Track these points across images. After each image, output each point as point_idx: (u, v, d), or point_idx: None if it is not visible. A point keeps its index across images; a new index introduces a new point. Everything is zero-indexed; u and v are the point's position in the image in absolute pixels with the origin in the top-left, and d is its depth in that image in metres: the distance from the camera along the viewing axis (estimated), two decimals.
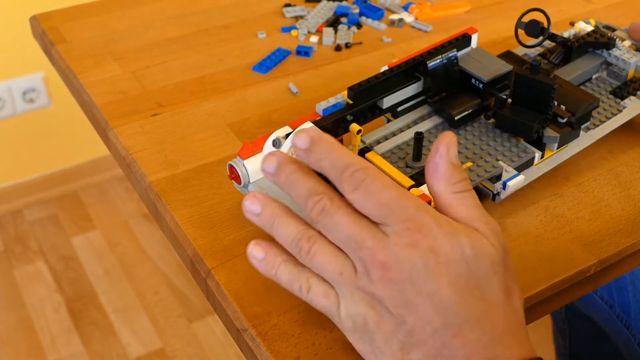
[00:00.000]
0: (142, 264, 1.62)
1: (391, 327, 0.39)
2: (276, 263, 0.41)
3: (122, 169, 0.61)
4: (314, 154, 0.39)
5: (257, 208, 0.41)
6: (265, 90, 0.68)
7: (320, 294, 0.40)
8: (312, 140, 0.39)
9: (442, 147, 0.41)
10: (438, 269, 0.38)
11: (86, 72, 0.70)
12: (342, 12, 0.79)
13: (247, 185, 0.50)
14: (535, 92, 0.52)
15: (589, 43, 0.62)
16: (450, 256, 0.38)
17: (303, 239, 0.40)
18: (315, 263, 0.40)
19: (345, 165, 0.39)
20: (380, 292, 0.38)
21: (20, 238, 1.69)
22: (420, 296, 0.38)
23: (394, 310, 0.38)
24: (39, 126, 1.70)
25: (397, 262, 0.38)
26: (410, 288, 0.38)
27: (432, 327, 0.38)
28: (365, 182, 0.38)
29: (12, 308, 1.52)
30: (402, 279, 0.38)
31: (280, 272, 0.41)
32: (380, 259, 0.38)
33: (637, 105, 0.59)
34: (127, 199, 1.80)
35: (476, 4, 0.83)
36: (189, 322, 1.50)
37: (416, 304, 0.38)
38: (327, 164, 0.39)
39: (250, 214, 0.41)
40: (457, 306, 0.38)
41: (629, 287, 0.73)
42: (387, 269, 0.38)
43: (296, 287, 0.41)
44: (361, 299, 0.39)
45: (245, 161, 0.49)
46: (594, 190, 0.56)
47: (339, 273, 0.39)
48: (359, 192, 0.38)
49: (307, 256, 0.40)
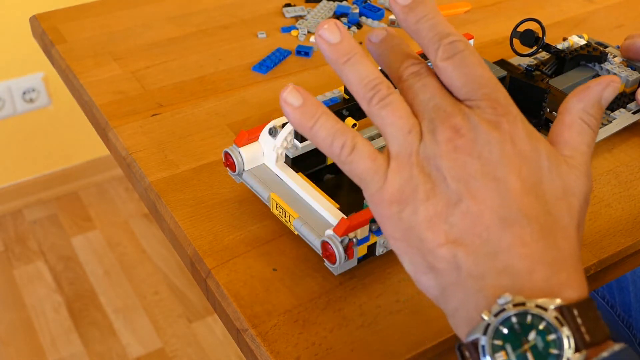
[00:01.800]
0: (142, 264, 1.62)
1: (443, 203, 0.34)
2: (317, 113, 0.36)
3: (122, 169, 0.61)
4: (416, 12, 0.36)
5: (337, 37, 0.36)
6: (265, 90, 0.68)
7: (367, 154, 0.35)
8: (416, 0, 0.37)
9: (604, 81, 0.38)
10: (512, 158, 0.34)
11: (86, 72, 0.70)
12: (342, 12, 0.79)
13: (241, 173, 0.51)
14: (529, 97, 0.53)
15: (581, 56, 0.63)
16: (528, 153, 0.34)
17: (383, 84, 0.36)
18: (387, 112, 0.35)
19: (447, 33, 0.36)
20: (442, 156, 0.34)
21: (20, 238, 1.69)
22: (485, 178, 0.33)
23: (451, 182, 0.34)
24: (39, 126, 1.70)
25: (471, 131, 0.34)
26: (476, 165, 0.34)
27: (491, 217, 0.33)
28: (464, 53, 0.35)
29: (12, 308, 1.52)
30: (471, 151, 0.34)
31: (320, 124, 0.36)
32: (454, 122, 0.34)
33: (626, 117, 0.61)
34: (127, 199, 1.80)
35: (476, 4, 0.83)
36: (189, 322, 1.50)
37: (478, 186, 0.33)
38: (427, 26, 0.36)
39: (324, 42, 0.36)
40: (524, 205, 0.33)
41: (630, 286, 0.73)
42: (458, 134, 0.34)
43: (338, 143, 0.35)
44: (417, 164, 0.34)
45: (241, 149, 0.49)
46: (594, 190, 0.56)
47: (407, 131, 0.35)
48: (454, 60, 0.35)
49: (380, 102, 0.35)
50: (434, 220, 0.34)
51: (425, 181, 0.34)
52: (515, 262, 0.33)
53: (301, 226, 0.47)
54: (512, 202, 0.33)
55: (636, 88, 0.63)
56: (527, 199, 0.34)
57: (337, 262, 0.45)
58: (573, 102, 0.38)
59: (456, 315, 0.34)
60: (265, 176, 0.51)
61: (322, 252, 0.46)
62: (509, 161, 0.34)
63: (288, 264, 0.49)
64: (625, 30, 0.79)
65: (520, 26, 0.61)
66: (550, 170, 0.35)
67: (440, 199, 0.34)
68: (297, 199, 0.49)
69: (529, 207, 0.33)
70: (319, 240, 0.46)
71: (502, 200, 0.33)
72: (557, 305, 0.32)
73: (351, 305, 0.46)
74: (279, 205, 0.49)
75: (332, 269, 0.46)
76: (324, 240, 0.45)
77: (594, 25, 0.80)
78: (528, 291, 0.32)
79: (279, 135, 0.49)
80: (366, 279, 0.48)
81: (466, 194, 0.33)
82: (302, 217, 0.48)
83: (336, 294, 0.47)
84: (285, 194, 0.49)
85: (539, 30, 0.60)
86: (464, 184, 0.33)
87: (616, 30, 0.79)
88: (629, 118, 0.60)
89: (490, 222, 0.33)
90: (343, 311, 0.46)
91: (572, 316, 0.32)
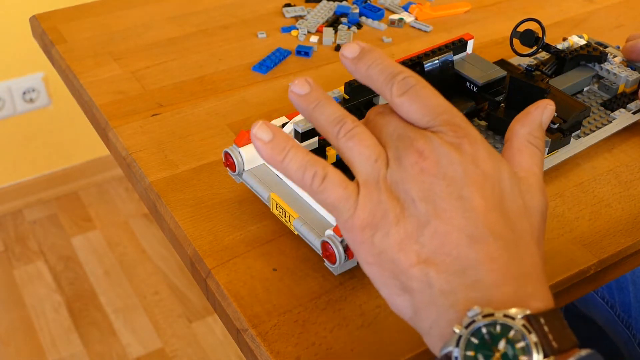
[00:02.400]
0: (142, 264, 1.62)
1: (413, 225, 0.35)
2: (286, 147, 0.37)
3: (122, 169, 0.61)
4: (364, 61, 0.38)
5: (306, 89, 0.39)
6: (265, 90, 0.68)
7: (337, 182, 0.37)
8: (363, 50, 0.39)
9: (542, 105, 0.41)
10: (475, 178, 0.36)
11: (86, 72, 0.70)
12: (342, 12, 0.79)
13: (241, 173, 0.51)
14: (529, 96, 0.53)
15: (581, 56, 0.63)
16: (490, 173, 0.36)
17: (347, 119, 0.38)
18: (353, 142, 0.37)
19: (397, 72, 0.38)
20: (409, 180, 0.36)
21: (20, 238, 1.69)
22: (450, 198, 0.35)
23: (419, 204, 0.35)
24: (39, 126, 1.70)
25: (435, 153, 0.36)
26: (441, 186, 0.35)
27: (459, 236, 0.35)
28: (416, 87, 0.37)
29: (12, 308, 1.52)
30: (436, 172, 0.35)
31: (291, 156, 0.37)
32: (418, 146, 0.36)
33: (626, 117, 0.60)
34: (127, 199, 1.80)
35: (476, 4, 0.83)
36: (189, 322, 1.50)
37: (445, 206, 0.35)
38: (377, 70, 0.38)
39: (296, 94, 0.39)
40: (490, 222, 0.35)
41: (630, 287, 0.73)
42: (422, 156, 0.36)
43: (309, 174, 0.37)
44: (386, 189, 0.36)
45: (241, 149, 0.49)
46: (594, 190, 0.56)
47: (374, 159, 0.37)
48: (409, 94, 0.37)
49: (347, 134, 0.37)
50: (405, 241, 0.35)
51: (395, 205, 0.36)
52: (483, 276, 0.34)
53: (301, 226, 0.47)
54: (478, 219, 0.35)
55: (636, 88, 0.63)
56: (492, 216, 0.35)
57: (337, 262, 0.45)
58: (518, 128, 0.40)
59: (431, 333, 0.35)
60: (265, 176, 0.51)
61: (322, 252, 0.46)
62: (472, 181, 0.35)
63: (288, 264, 0.49)
64: (625, 30, 0.79)
65: (520, 26, 0.61)
66: (512, 189, 0.37)
67: (410, 221, 0.35)
68: (297, 199, 0.49)
69: (494, 224, 0.35)
70: (319, 240, 0.46)
71: (469, 219, 0.35)
72: (524, 314, 0.33)
73: (351, 305, 0.46)
74: (279, 205, 0.49)
75: (332, 269, 0.46)
76: (324, 240, 0.45)
77: (594, 25, 0.80)
78: (497, 303, 0.34)
79: None
80: (366, 279, 0.48)
81: (434, 214, 0.35)
82: (302, 217, 0.48)
83: (336, 294, 0.47)
84: (285, 194, 0.49)
85: (539, 30, 0.60)
86: (431, 204, 0.35)
87: (616, 30, 0.79)
88: (629, 118, 0.60)
89: (459, 241, 0.35)
90: (343, 311, 0.46)
91: (539, 324, 0.33)
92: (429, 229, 0.35)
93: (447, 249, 0.35)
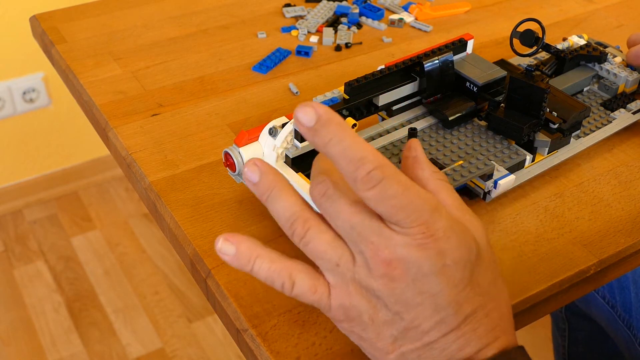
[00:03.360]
0: (142, 264, 1.62)
1: (386, 322, 0.38)
2: (251, 259, 0.38)
3: (122, 169, 0.61)
4: (321, 137, 0.35)
5: (256, 176, 0.38)
6: (265, 90, 0.68)
7: (307, 288, 0.38)
8: (320, 120, 0.35)
9: (413, 145, 0.42)
10: (443, 270, 0.37)
11: (86, 72, 0.70)
12: (342, 12, 0.79)
13: (241, 174, 0.51)
14: (529, 96, 0.53)
15: (581, 56, 0.63)
16: (458, 259, 0.37)
17: (298, 220, 0.37)
18: (309, 250, 0.38)
19: (359, 159, 0.34)
20: (380, 289, 0.37)
21: (20, 238, 1.69)
22: (421, 296, 0.37)
23: (392, 307, 0.37)
24: (39, 126, 1.70)
25: (403, 262, 0.36)
26: (412, 288, 0.37)
27: (430, 324, 0.38)
28: (383, 183, 0.35)
29: (12, 308, 1.52)
30: (406, 279, 0.37)
31: (257, 267, 0.38)
32: (384, 256, 0.36)
33: (626, 117, 0.60)
34: (127, 199, 1.80)
35: (476, 4, 0.83)
36: (189, 322, 1.50)
37: (416, 303, 0.37)
38: (336, 152, 0.35)
39: (248, 181, 0.39)
40: (458, 305, 0.38)
41: (631, 286, 0.73)
42: (391, 267, 0.36)
43: (277, 284, 0.38)
44: (357, 292, 0.37)
45: (241, 149, 0.49)
46: (594, 190, 0.56)
47: (335, 264, 0.37)
48: (375, 192, 0.35)
49: (301, 241, 0.38)
50: (382, 334, 0.38)
51: (368, 307, 0.38)
52: (450, 345, 0.38)
53: None
54: (449, 308, 0.37)
55: (636, 88, 0.63)
56: (461, 297, 0.38)
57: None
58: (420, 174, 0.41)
59: None
60: None
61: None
62: (440, 274, 0.37)
63: None
64: (625, 30, 0.79)
65: (520, 26, 0.61)
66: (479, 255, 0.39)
67: (384, 321, 0.38)
68: None
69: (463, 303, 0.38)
70: None
71: (438, 310, 0.37)
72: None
73: None
74: None
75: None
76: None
77: (594, 25, 0.80)
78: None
79: (279, 135, 0.49)
80: None
81: (406, 313, 0.37)
82: None
83: None
84: None
85: (539, 30, 0.60)
86: (402, 306, 0.37)
87: (616, 30, 0.79)
88: (629, 118, 0.60)
89: (429, 328, 0.38)
90: None
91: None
92: (403, 324, 0.38)
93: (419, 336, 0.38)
